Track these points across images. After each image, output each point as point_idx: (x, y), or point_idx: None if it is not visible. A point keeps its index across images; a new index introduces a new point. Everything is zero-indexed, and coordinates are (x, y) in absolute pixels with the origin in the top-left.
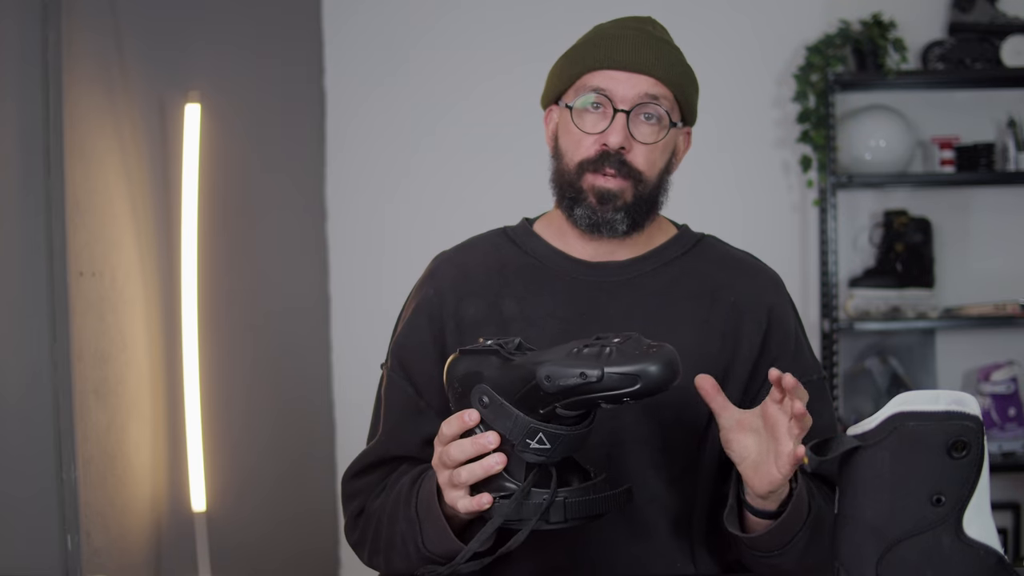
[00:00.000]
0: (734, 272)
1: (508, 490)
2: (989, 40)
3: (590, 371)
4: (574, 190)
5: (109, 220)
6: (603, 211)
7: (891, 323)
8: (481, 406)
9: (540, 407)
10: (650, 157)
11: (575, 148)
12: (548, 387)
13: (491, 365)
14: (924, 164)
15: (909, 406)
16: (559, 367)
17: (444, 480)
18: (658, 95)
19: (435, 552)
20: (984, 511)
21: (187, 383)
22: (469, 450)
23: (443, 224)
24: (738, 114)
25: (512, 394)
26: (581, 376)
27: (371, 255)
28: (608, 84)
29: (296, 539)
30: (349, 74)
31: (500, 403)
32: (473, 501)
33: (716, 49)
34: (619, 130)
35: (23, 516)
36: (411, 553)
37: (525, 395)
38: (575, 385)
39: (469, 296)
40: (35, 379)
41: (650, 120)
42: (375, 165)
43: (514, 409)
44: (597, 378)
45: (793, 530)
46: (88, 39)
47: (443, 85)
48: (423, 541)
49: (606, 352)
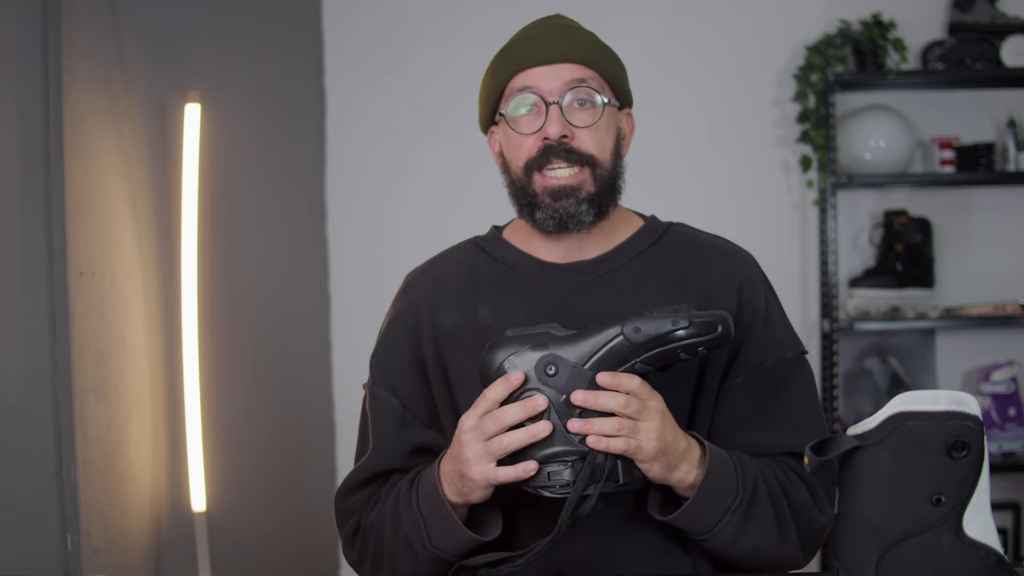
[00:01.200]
0: (702, 258)
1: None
2: (989, 40)
3: (679, 319)
4: (527, 195)
5: (109, 220)
6: (564, 206)
7: (891, 323)
8: (545, 373)
9: (617, 367)
10: (596, 138)
11: (518, 152)
12: (637, 339)
13: (551, 338)
14: (924, 164)
15: (909, 406)
16: (646, 319)
17: (478, 452)
18: (584, 77)
19: (443, 549)
20: (984, 511)
21: (187, 383)
22: (519, 412)
23: (443, 224)
24: (738, 114)
25: (584, 358)
26: (673, 323)
27: (371, 255)
28: (533, 81)
29: (296, 539)
30: (349, 74)
31: (572, 366)
32: (517, 468)
33: (716, 49)
34: (555, 120)
35: (23, 516)
36: (418, 554)
37: (602, 357)
38: (666, 332)
39: (444, 306)
40: (35, 379)
41: (584, 105)
42: (375, 165)
43: (590, 371)
44: (685, 325)
45: (713, 514)
46: (88, 39)
47: (443, 85)
48: (429, 538)
49: (682, 308)
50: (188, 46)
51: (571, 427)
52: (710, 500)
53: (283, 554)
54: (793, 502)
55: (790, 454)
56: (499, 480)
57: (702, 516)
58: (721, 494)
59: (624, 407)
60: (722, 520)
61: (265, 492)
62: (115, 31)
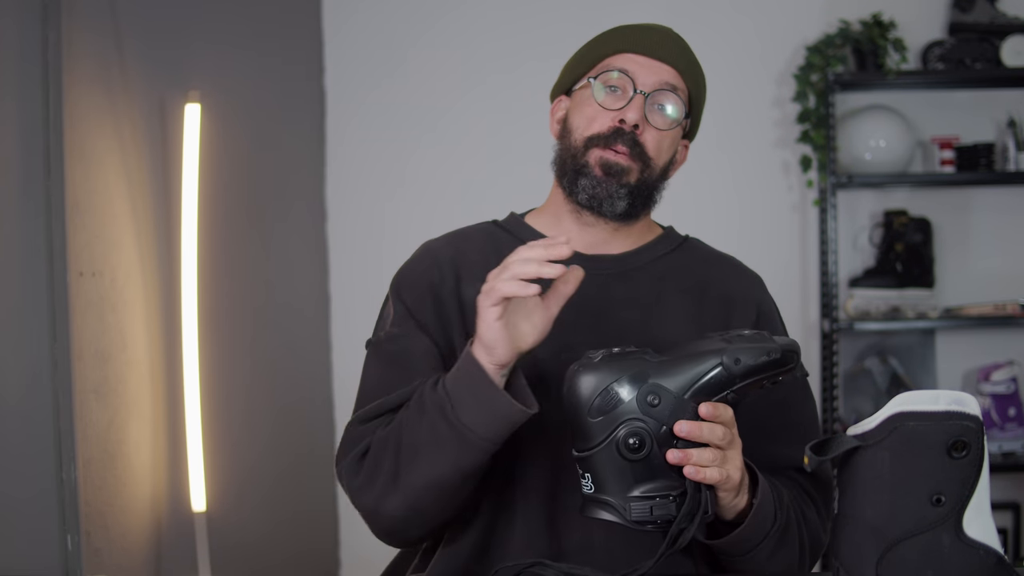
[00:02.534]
0: (720, 268)
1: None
2: (989, 40)
3: (772, 350)
4: (577, 163)
5: (109, 220)
6: (607, 183)
7: (891, 323)
8: (648, 404)
9: (712, 396)
10: (660, 143)
11: (587, 124)
12: (736, 369)
13: (649, 365)
14: (924, 164)
15: (909, 406)
16: (744, 350)
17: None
18: (677, 86)
19: (471, 423)
20: (984, 511)
21: (187, 383)
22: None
23: (443, 224)
24: (738, 114)
25: (684, 388)
26: (768, 354)
27: (371, 255)
28: (632, 67)
29: (296, 539)
30: (349, 74)
31: (675, 397)
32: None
33: (716, 49)
34: (637, 108)
35: (23, 516)
36: (441, 437)
37: (701, 387)
38: (762, 364)
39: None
40: (35, 379)
41: (663, 110)
42: (375, 165)
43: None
44: (776, 356)
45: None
46: (88, 39)
47: (443, 85)
48: (456, 414)
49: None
50: (188, 46)
51: (670, 458)
52: (757, 526)
53: (283, 554)
54: (807, 522)
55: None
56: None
57: (745, 541)
58: (764, 521)
59: (721, 438)
60: (761, 544)
61: (265, 492)
62: (115, 31)
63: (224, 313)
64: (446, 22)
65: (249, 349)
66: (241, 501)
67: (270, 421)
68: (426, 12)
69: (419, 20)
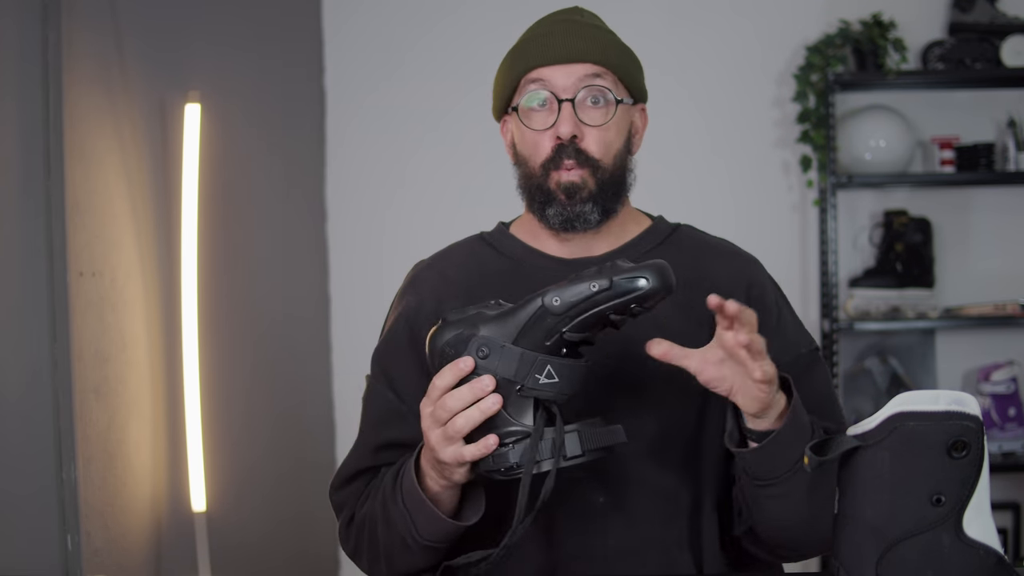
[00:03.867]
0: (710, 258)
1: (515, 435)
2: (989, 40)
3: (598, 281)
4: (543, 192)
5: (109, 220)
6: (571, 205)
7: (891, 323)
8: (480, 357)
9: (546, 339)
10: (604, 140)
11: (534, 150)
12: (557, 308)
13: (483, 319)
14: (924, 164)
15: (909, 406)
16: (565, 287)
17: (438, 437)
18: (598, 73)
19: (432, 539)
20: (984, 511)
21: (187, 383)
22: (467, 396)
23: (443, 224)
24: (738, 114)
25: (511, 335)
26: (591, 287)
27: (371, 255)
28: (547, 77)
29: (296, 539)
30: (349, 74)
31: (499, 344)
32: (479, 444)
33: (716, 49)
34: (567, 119)
35: (23, 516)
36: (411, 547)
37: (527, 331)
38: (586, 297)
39: (449, 300)
40: (35, 379)
41: (597, 103)
42: (375, 165)
43: (518, 348)
44: (605, 287)
45: (796, 448)
46: (88, 39)
47: (443, 85)
48: (417, 531)
49: (607, 267)
50: (188, 46)
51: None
52: (796, 431)
53: (283, 554)
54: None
55: None
56: (466, 458)
57: (787, 448)
58: (802, 428)
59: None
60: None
61: (265, 492)
62: (115, 31)
63: (224, 313)
64: (446, 23)
65: (249, 349)
66: (241, 501)
67: (270, 421)
68: (426, 13)
69: (419, 21)
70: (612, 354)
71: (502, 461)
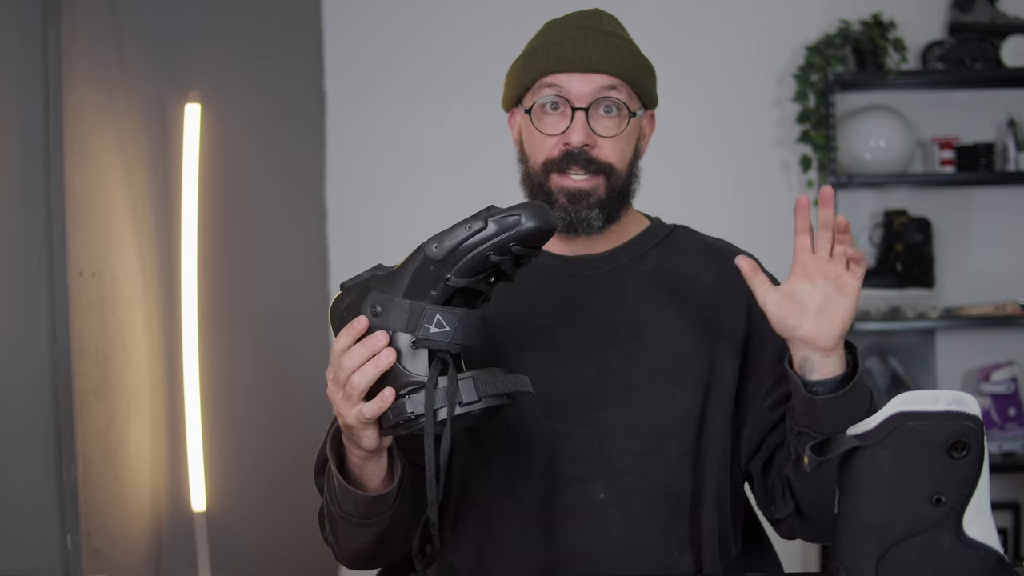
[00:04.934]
0: (708, 258)
1: (411, 385)
2: (989, 40)
3: (474, 223)
4: (544, 192)
5: (109, 220)
6: (576, 210)
7: (891, 323)
8: (372, 315)
9: (432, 288)
10: (617, 148)
11: (538, 149)
12: (436, 253)
13: (375, 280)
14: (924, 164)
15: (909, 406)
16: (444, 234)
17: (340, 400)
18: (614, 85)
19: (353, 512)
20: (984, 511)
21: (187, 383)
22: (361, 353)
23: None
24: (738, 114)
25: (400, 290)
26: (466, 228)
27: (371, 255)
28: (562, 83)
29: (296, 539)
30: (349, 74)
31: (390, 299)
32: (377, 399)
33: (716, 49)
34: (580, 128)
35: (23, 516)
36: (338, 523)
37: (414, 283)
38: (462, 239)
39: None
40: (35, 379)
41: (610, 113)
42: (375, 165)
43: (406, 300)
44: (481, 227)
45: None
46: (88, 39)
47: (443, 85)
48: (339, 505)
49: (484, 209)
50: (188, 46)
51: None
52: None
53: (283, 554)
54: None
55: None
56: (367, 415)
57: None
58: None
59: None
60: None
61: (265, 492)
62: (115, 31)
63: (224, 313)
64: (446, 23)
65: (249, 349)
66: (241, 501)
67: (270, 421)
68: (426, 13)
69: (419, 21)
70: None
71: (400, 413)
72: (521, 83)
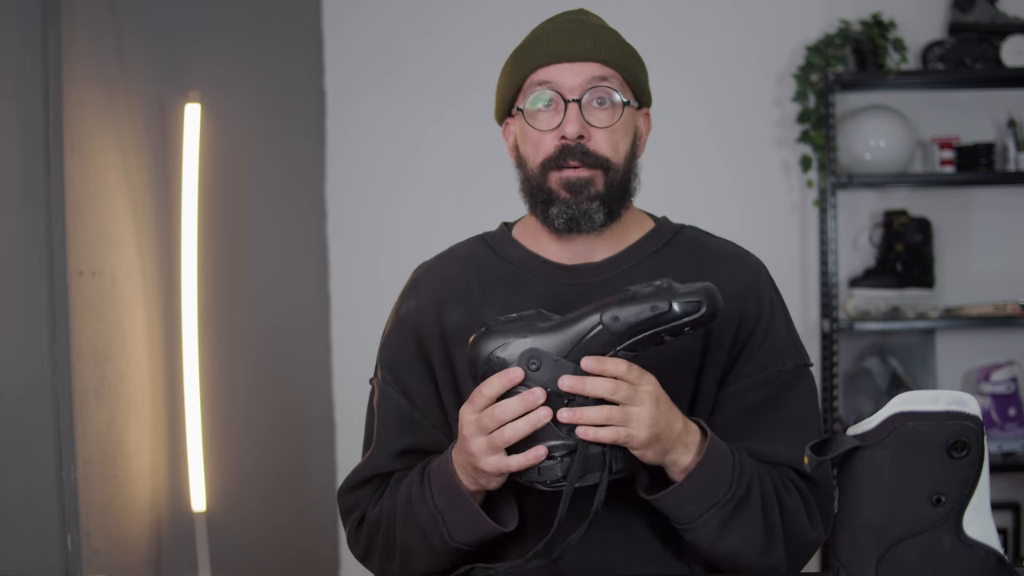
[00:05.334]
0: (710, 264)
1: (561, 448)
2: (989, 40)
3: (660, 303)
4: (543, 192)
5: (109, 220)
6: (577, 202)
7: (891, 323)
8: (530, 368)
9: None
10: (612, 140)
11: (535, 150)
12: (616, 327)
13: (532, 329)
14: (924, 164)
15: (909, 406)
16: (624, 307)
17: (481, 446)
18: (605, 75)
19: (463, 541)
20: (984, 511)
21: (187, 383)
22: (517, 407)
23: (443, 224)
24: (738, 114)
25: (564, 350)
26: (652, 309)
27: (371, 255)
28: (553, 77)
29: (296, 539)
30: (349, 74)
31: (555, 360)
32: (528, 455)
33: (716, 49)
34: (574, 119)
35: (23, 516)
36: (437, 548)
37: (581, 347)
38: (647, 319)
39: (451, 304)
40: (35, 379)
41: (603, 104)
42: (375, 165)
43: (571, 363)
44: (665, 309)
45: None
46: (88, 39)
47: (443, 85)
48: (449, 532)
49: (664, 288)
50: (188, 46)
51: (560, 417)
52: (700, 488)
53: (283, 554)
54: (786, 511)
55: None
56: (511, 468)
57: (688, 503)
58: (713, 485)
59: (613, 393)
60: (708, 512)
61: (265, 492)
62: (115, 31)
63: (224, 313)
64: (446, 22)
65: (249, 349)
66: (241, 501)
67: (270, 421)
68: (426, 12)
69: (419, 20)
70: None
71: (549, 474)
72: (511, 85)
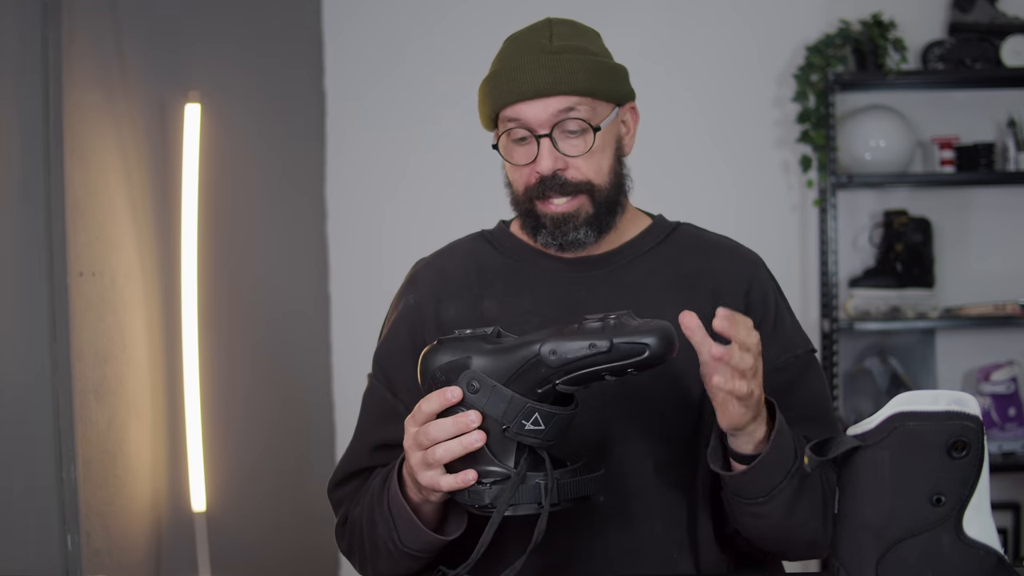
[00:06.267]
0: (710, 257)
1: (494, 475)
2: (989, 40)
3: (599, 342)
4: (532, 217)
5: (109, 220)
6: (563, 233)
7: (891, 323)
8: (469, 390)
9: (538, 387)
10: (591, 163)
11: (516, 179)
12: (553, 361)
13: (478, 350)
14: (924, 164)
15: (909, 406)
16: (564, 341)
17: (417, 461)
18: (572, 106)
19: (413, 548)
20: (984, 511)
21: (187, 383)
22: (450, 428)
23: (443, 224)
24: (738, 114)
25: (504, 376)
26: (590, 347)
27: (371, 255)
28: (520, 114)
29: (296, 538)
30: (349, 74)
31: (492, 385)
32: (457, 477)
33: (716, 49)
34: (547, 155)
35: (23, 516)
36: (393, 553)
37: (520, 375)
38: (583, 356)
39: (449, 299)
40: (35, 379)
41: (575, 134)
42: (375, 165)
43: (509, 390)
44: (607, 348)
45: (774, 476)
46: (88, 39)
47: (443, 85)
48: (399, 538)
49: (610, 324)
50: (188, 46)
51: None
52: (781, 457)
53: (283, 553)
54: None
55: None
56: (442, 488)
57: (765, 476)
58: (786, 453)
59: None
60: (781, 483)
61: (265, 492)
62: (115, 31)
63: (224, 313)
64: (446, 22)
65: (249, 349)
66: (241, 501)
67: (270, 421)
68: (426, 12)
69: (419, 20)
70: None
71: (477, 498)
72: (486, 114)
